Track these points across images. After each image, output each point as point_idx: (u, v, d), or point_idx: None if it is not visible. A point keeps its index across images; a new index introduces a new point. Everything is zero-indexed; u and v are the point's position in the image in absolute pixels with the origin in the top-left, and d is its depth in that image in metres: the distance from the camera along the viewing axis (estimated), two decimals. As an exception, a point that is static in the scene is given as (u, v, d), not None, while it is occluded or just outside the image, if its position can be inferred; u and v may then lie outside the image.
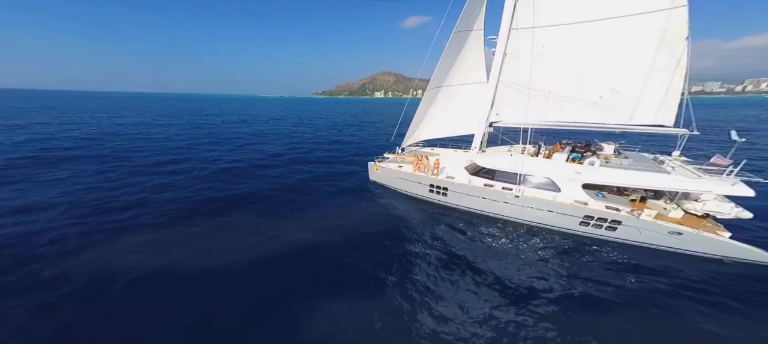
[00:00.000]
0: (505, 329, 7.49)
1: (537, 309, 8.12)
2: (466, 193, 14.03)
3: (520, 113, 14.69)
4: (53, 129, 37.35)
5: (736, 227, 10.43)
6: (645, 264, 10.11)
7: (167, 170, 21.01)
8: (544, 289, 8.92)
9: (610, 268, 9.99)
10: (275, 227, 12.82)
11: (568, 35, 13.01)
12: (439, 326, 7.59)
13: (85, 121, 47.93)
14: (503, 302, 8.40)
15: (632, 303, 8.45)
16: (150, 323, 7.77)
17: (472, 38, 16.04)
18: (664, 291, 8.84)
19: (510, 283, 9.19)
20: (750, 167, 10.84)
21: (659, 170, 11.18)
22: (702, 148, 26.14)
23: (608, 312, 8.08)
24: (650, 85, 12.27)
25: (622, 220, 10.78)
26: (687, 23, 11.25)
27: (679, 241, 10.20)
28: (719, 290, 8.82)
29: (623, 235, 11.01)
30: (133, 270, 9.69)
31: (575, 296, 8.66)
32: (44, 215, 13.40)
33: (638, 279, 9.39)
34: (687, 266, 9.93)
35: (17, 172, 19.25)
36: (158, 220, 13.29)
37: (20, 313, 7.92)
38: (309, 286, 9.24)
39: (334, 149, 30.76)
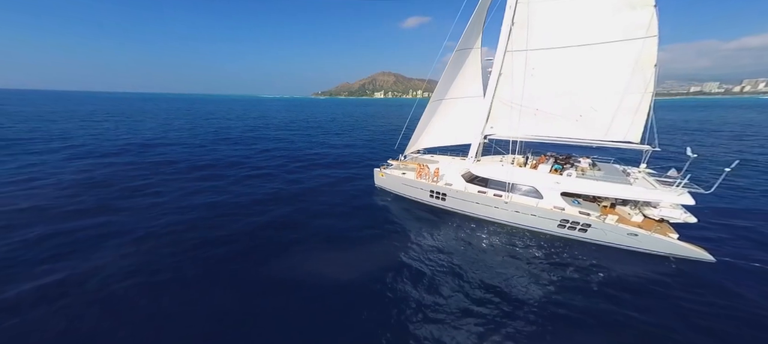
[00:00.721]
0: (490, 312, 9.49)
1: (518, 296, 10.09)
2: (462, 198, 16.05)
3: (512, 127, 16.70)
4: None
5: (684, 229, 12.49)
6: (607, 260, 12.10)
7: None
8: (523, 282, 10.89)
9: (580, 264, 11.98)
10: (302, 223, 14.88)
11: (556, 58, 14.86)
12: (430, 308, 9.61)
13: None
14: (489, 292, 10.38)
15: (593, 290, 10.46)
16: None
17: (471, 56, 17.99)
18: (618, 282, 10.88)
19: (495, 277, 11.18)
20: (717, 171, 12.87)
21: (624, 182, 13.20)
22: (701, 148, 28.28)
23: (574, 298, 10.08)
24: (623, 106, 14.22)
25: (591, 223, 12.80)
26: (656, 52, 13.23)
27: (636, 241, 12.24)
28: (661, 281, 10.88)
29: (592, 236, 13.05)
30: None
31: (549, 288, 10.63)
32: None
33: (601, 272, 11.40)
34: (640, 261, 11.95)
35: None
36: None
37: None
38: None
39: (346, 155, 32.71)
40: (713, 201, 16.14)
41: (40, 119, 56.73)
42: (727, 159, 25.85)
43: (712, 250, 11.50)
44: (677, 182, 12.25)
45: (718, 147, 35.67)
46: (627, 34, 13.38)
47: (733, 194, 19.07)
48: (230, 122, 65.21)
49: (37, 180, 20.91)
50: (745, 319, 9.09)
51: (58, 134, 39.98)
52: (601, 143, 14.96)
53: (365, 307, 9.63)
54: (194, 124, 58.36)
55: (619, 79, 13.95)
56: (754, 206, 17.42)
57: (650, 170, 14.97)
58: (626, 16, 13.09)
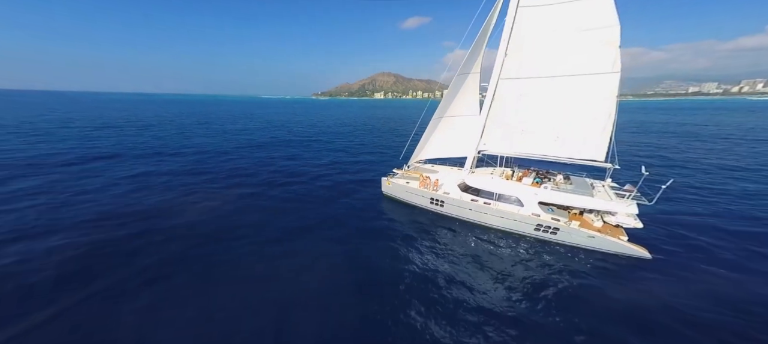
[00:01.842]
0: (474, 295, 12.51)
1: (502, 284, 13.12)
2: (457, 205, 19.07)
3: (501, 144, 19.72)
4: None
5: (634, 233, 15.54)
6: (568, 257, 15.14)
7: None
8: (502, 274, 13.88)
9: (550, 260, 14.98)
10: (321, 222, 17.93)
11: (539, 86, 17.68)
12: (428, 290, 12.62)
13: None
14: (477, 280, 13.40)
15: (558, 279, 13.49)
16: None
17: (470, 79, 20.93)
18: (577, 273, 13.90)
19: (481, 269, 14.17)
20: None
21: (588, 194, 16.23)
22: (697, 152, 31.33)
23: (544, 286, 13.06)
24: (591, 129, 17.20)
25: (560, 227, 15.83)
26: (618, 86, 16.12)
27: (594, 242, 15.27)
28: (608, 272, 13.94)
29: (560, 238, 16.07)
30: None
31: (525, 278, 13.62)
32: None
33: (561, 265, 14.41)
34: (594, 257, 14.97)
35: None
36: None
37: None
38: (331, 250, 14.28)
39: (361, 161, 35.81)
40: (662, 210, 19.30)
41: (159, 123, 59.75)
42: (676, 174, 28.99)
43: (651, 249, 14.55)
44: (629, 195, 15.31)
45: (687, 152, 38.77)
46: (597, 69, 16.28)
47: (680, 204, 22.13)
48: (291, 127, 70.91)
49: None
50: (664, 305, 12.09)
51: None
52: (574, 160, 17.92)
53: (373, 285, 12.65)
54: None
55: (588, 106, 16.84)
56: (691, 212, 20.46)
57: (613, 183, 18.03)
58: (597, 54, 15.88)
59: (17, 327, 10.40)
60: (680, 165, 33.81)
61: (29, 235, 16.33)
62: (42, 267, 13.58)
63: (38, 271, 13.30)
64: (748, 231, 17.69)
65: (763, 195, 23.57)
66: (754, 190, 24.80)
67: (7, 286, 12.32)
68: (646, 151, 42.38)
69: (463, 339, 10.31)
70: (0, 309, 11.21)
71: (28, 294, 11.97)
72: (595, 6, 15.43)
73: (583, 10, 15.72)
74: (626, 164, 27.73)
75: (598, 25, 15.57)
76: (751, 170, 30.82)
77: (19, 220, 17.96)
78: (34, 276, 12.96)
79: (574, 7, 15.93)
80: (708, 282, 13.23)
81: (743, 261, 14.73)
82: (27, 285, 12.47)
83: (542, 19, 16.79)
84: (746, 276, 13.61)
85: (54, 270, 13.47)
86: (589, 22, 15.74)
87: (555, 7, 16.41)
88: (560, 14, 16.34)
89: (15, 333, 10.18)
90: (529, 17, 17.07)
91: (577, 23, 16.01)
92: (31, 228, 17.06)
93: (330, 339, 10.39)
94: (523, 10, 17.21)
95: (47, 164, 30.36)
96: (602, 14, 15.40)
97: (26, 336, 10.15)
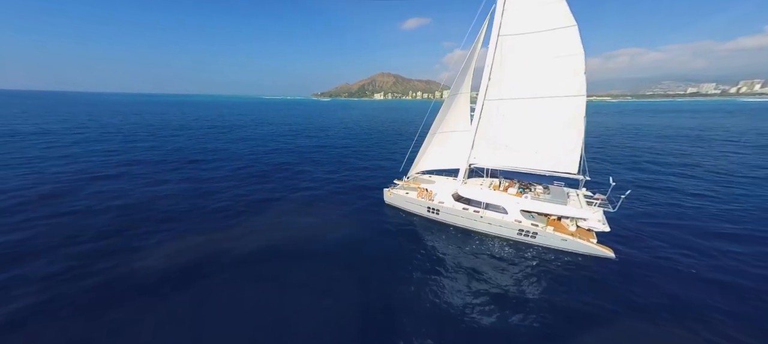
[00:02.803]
0: (464, 287, 15.03)
1: (488, 279, 15.64)
2: (450, 213, 21.60)
3: (489, 158, 22.25)
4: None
5: (603, 235, 18.07)
6: (545, 257, 17.68)
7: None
8: (488, 271, 16.44)
9: (530, 259, 17.54)
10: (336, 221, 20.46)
11: (520, 107, 20.19)
12: (425, 285, 15.12)
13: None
14: (468, 277, 15.92)
15: (534, 274, 16.01)
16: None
17: (461, 98, 23.49)
18: (551, 270, 16.42)
19: (470, 268, 16.72)
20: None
21: (562, 203, 18.78)
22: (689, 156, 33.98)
23: (522, 281, 15.59)
24: (564, 145, 19.70)
25: (538, 232, 18.39)
26: (585, 107, 18.64)
27: (566, 244, 17.82)
28: (577, 270, 16.46)
29: (539, 241, 18.63)
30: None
31: (508, 273, 16.18)
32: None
33: (544, 266, 16.96)
34: (566, 257, 17.53)
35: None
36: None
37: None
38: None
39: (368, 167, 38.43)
40: (627, 214, 21.90)
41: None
42: (647, 178, 31.63)
43: (616, 250, 17.09)
44: (596, 203, 17.86)
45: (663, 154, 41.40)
46: (566, 92, 18.78)
47: (645, 207, 24.72)
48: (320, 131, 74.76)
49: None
50: (622, 297, 14.60)
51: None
52: (552, 172, 20.45)
53: (374, 273, 15.18)
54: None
55: (562, 125, 19.35)
56: (653, 214, 23.02)
57: (587, 192, 20.57)
58: (566, 79, 18.32)
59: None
60: (652, 170, 36.39)
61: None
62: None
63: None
64: (700, 229, 20.54)
65: (710, 196, 26.27)
66: (705, 189, 27.49)
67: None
68: (624, 155, 45.00)
69: (451, 322, 12.84)
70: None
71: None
72: (562, 36, 17.78)
73: (553, 40, 18.07)
74: (608, 171, 30.42)
75: (566, 53, 17.97)
76: (707, 174, 33.54)
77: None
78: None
79: (545, 36, 18.28)
80: (662, 276, 15.81)
81: (692, 258, 17.31)
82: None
83: (519, 47, 19.16)
84: (694, 270, 16.23)
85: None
86: (558, 50, 18.10)
87: (529, 36, 18.77)
88: (534, 43, 18.68)
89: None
90: (508, 45, 19.48)
91: (548, 51, 18.37)
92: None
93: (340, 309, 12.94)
94: (502, 38, 19.67)
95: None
96: (569, 44, 17.76)
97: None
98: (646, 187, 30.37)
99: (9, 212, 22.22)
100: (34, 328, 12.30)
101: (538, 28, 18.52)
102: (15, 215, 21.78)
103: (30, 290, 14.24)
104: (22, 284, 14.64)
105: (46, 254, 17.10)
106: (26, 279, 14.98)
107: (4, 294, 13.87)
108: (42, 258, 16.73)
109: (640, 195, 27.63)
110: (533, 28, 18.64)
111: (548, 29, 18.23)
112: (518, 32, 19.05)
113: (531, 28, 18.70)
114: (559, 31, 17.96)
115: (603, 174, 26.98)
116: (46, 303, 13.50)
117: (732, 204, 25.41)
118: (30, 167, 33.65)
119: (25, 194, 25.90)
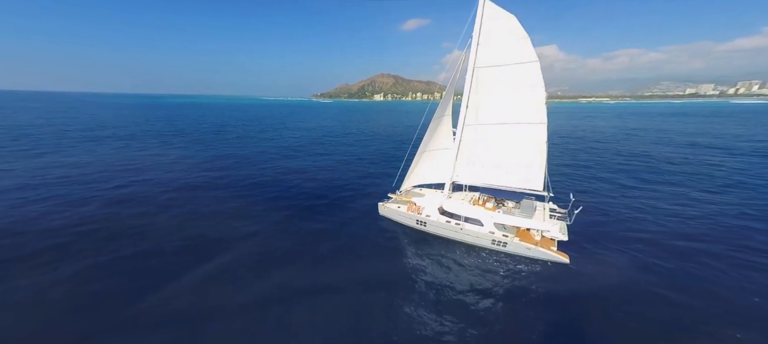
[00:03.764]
0: (443, 290, 18.37)
1: (463, 281, 18.94)
2: (436, 225, 24.91)
3: (469, 176, 25.64)
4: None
5: (563, 243, 21.46)
6: (512, 263, 21.01)
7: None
8: (467, 275, 19.78)
9: (499, 265, 20.90)
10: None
11: (494, 131, 23.52)
12: (410, 284, 18.47)
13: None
14: (445, 281, 19.28)
15: (502, 277, 19.38)
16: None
17: (445, 120, 26.75)
18: (517, 274, 19.80)
19: (450, 273, 20.06)
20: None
21: (529, 216, 22.13)
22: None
23: (494, 284, 18.93)
24: (530, 166, 22.96)
25: (507, 242, 21.75)
26: (546, 133, 21.92)
27: (530, 252, 21.11)
28: (538, 273, 19.84)
29: (508, 249, 21.94)
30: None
31: (481, 276, 19.51)
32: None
33: (510, 270, 20.33)
34: (531, 263, 20.81)
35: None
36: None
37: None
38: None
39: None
40: (583, 223, 25.29)
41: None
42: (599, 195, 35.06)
43: (571, 255, 20.45)
44: (556, 216, 21.25)
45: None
46: (530, 119, 22.10)
47: (599, 217, 28.13)
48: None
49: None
50: (574, 294, 17.97)
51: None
52: (522, 189, 23.80)
53: (366, 280, 18.55)
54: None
55: (527, 147, 22.59)
56: (606, 222, 26.43)
57: (553, 205, 23.97)
58: (530, 108, 21.57)
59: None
60: (612, 180, 39.78)
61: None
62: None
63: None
64: (645, 236, 24.04)
65: (655, 205, 29.66)
66: (655, 197, 30.87)
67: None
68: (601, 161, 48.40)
69: (431, 317, 16.23)
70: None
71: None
72: (527, 70, 20.93)
73: (519, 73, 21.24)
74: (583, 179, 33.79)
75: (529, 84, 21.23)
76: (664, 184, 36.90)
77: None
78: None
79: (513, 69, 21.42)
80: (608, 277, 19.23)
81: (636, 259, 20.72)
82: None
83: (491, 78, 22.33)
84: (636, 271, 19.67)
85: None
86: (523, 82, 21.33)
87: (499, 68, 21.89)
88: (503, 75, 21.83)
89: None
90: (482, 76, 22.66)
91: (515, 83, 21.57)
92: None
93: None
94: (477, 69, 22.95)
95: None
96: (532, 77, 20.97)
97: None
98: (608, 196, 33.82)
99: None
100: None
101: (506, 62, 21.62)
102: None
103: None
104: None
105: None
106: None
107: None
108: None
109: (599, 205, 31.12)
110: (502, 62, 21.75)
111: (515, 63, 21.37)
112: (490, 64, 22.18)
113: (500, 62, 21.80)
114: (524, 65, 21.11)
115: (585, 180, 30.34)
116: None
117: (683, 214, 28.82)
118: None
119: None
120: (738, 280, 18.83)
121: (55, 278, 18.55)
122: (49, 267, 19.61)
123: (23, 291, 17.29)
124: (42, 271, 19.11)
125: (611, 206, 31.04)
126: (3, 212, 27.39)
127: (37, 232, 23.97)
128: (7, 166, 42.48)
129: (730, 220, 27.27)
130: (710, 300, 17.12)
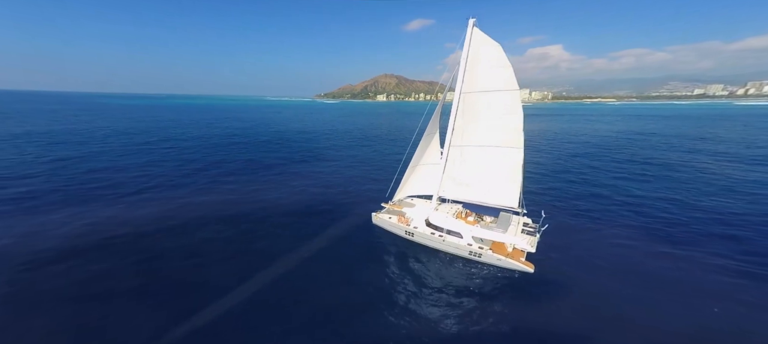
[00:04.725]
0: (424, 292, 21.19)
1: (442, 286, 21.77)
2: (422, 236, 27.73)
3: (453, 192, 28.41)
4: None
5: (531, 254, 24.18)
6: (485, 271, 23.78)
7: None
8: (446, 280, 22.61)
9: (475, 273, 23.68)
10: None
11: (475, 152, 26.27)
12: (397, 289, 21.34)
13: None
14: (429, 283, 22.13)
15: (475, 282, 22.18)
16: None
17: (435, 137, 29.54)
18: (487, 280, 22.58)
19: (433, 276, 22.92)
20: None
21: (503, 230, 24.82)
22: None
23: (468, 288, 21.73)
24: (507, 186, 25.71)
25: (482, 253, 24.51)
26: (523, 158, 24.63)
27: (501, 262, 23.78)
28: (505, 280, 22.60)
29: (483, 259, 24.63)
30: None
31: (459, 282, 22.34)
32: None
33: (483, 277, 23.12)
34: (501, 271, 23.56)
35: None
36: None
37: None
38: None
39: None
40: (553, 234, 27.93)
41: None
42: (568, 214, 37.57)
43: (536, 265, 23.13)
44: (527, 231, 23.99)
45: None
46: (510, 144, 24.78)
47: (566, 229, 30.70)
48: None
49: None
50: (535, 299, 20.72)
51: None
52: (500, 206, 26.55)
53: (360, 276, 21.46)
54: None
55: (506, 169, 25.36)
56: (576, 235, 29.00)
57: (527, 219, 26.66)
58: (509, 133, 24.17)
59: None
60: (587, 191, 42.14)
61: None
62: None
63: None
64: (608, 243, 26.81)
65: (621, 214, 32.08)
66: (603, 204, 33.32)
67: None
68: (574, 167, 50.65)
69: (412, 316, 19.11)
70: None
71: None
72: (508, 98, 23.37)
73: (500, 100, 23.68)
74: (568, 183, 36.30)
75: (509, 112, 23.79)
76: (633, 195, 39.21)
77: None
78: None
79: (495, 96, 23.88)
80: (568, 286, 21.93)
81: (598, 267, 23.39)
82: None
83: (475, 103, 24.83)
84: (595, 277, 22.42)
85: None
86: (504, 109, 23.86)
87: (483, 94, 24.32)
88: (486, 100, 24.26)
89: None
90: (468, 101, 25.19)
91: (497, 109, 24.05)
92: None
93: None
94: (464, 95, 25.58)
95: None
96: (512, 104, 23.50)
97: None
98: (577, 211, 36.32)
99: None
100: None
101: (489, 88, 24.01)
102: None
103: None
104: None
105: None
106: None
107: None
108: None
109: (567, 220, 33.71)
110: (486, 88, 24.10)
111: (497, 90, 23.82)
112: (474, 90, 24.62)
113: (484, 88, 24.16)
114: (505, 92, 23.51)
115: (577, 183, 32.86)
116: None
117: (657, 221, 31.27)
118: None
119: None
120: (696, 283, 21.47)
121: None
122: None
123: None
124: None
125: (581, 220, 33.70)
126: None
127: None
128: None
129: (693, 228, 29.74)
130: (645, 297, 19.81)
